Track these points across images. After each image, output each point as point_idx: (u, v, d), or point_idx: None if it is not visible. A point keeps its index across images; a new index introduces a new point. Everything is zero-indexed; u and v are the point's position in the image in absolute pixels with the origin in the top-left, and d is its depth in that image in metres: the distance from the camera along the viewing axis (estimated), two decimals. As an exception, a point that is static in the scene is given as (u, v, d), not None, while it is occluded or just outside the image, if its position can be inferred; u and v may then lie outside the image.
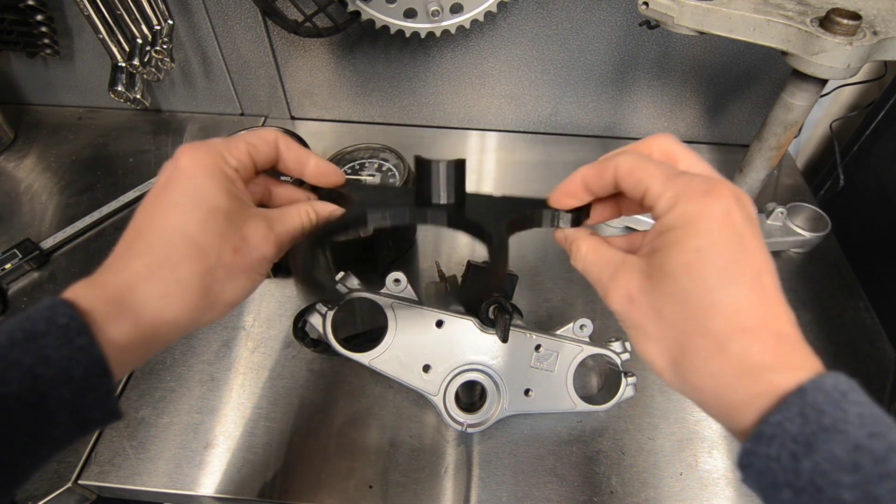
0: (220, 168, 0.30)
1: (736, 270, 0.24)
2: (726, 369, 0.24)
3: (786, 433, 0.22)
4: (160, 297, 0.27)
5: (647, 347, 0.27)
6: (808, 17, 0.46)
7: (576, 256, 0.32)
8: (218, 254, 0.29)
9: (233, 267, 0.29)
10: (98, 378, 0.25)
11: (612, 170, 0.29)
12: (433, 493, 0.49)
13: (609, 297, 0.28)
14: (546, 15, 0.73)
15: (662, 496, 0.50)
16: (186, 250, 0.28)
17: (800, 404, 0.22)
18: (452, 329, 0.49)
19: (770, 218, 0.70)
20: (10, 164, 0.80)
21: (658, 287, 0.26)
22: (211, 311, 0.29)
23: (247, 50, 0.79)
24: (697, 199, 0.25)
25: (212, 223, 0.28)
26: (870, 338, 0.63)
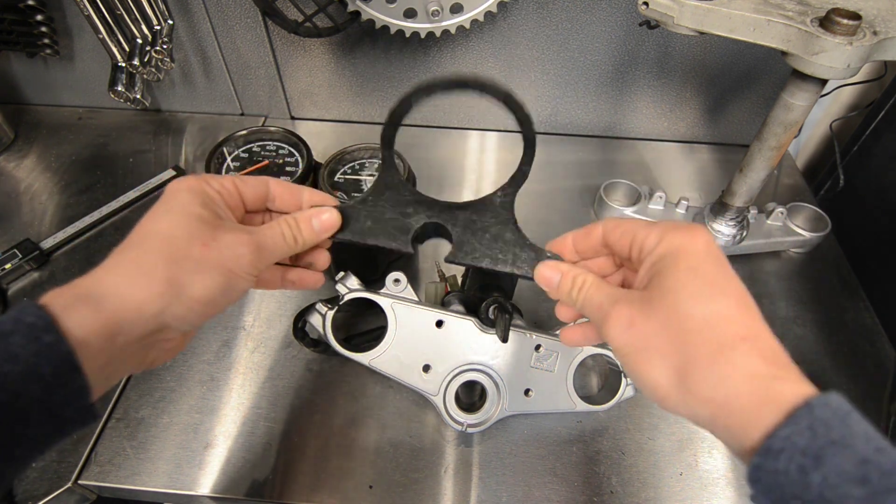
0: (202, 188, 0.32)
1: (725, 286, 0.27)
2: (734, 374, 0.24)
3: (794, 447, 0.22)
4: (123, 285, 0.27)
5: (650, 368, 0.27)
6: (808, 17, 0.46)
7: (578, 287, 0.32)
8: (186, 246, 0.29)
9: (202, 260, 0.29)
10: (69, 374, 0.25)
11: (598, 228, 0.33)
12: (433, 493, 0.49)
13: (609, 324, 0.28)
14: (546, 15, 0.73)
15: (662, 496, 0.50)
16: (154, 243, 0.29)
17: (808, 419, 0.22)
18: (452, 329, 0.49)
19: (770, 218, 0.70)
20: (10, 164, 0.80)
21: (657, 308, 0.27)
22: (178, 302, 0.28)
23: (247, 50, 0.79)
24: (681, 234, 0.28)
25: (184, 222, 0.30)
26: (870, 338, 0.63)
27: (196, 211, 0.30)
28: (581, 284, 0.32)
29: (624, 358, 0.28)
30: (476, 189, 0.78)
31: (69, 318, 0.25)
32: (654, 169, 0.83)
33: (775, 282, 0.68)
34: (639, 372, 0.27)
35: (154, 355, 0.31)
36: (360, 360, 0.49)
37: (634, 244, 0.31)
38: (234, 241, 0.31)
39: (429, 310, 0.49)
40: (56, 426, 0.25)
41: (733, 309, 0.26)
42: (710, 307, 0.26)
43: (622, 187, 0.74)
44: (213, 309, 0.30)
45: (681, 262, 0.27)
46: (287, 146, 0.68)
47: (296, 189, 0.36)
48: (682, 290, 0.27)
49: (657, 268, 0.28)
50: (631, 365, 0.28)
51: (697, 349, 0.25)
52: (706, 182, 0.81)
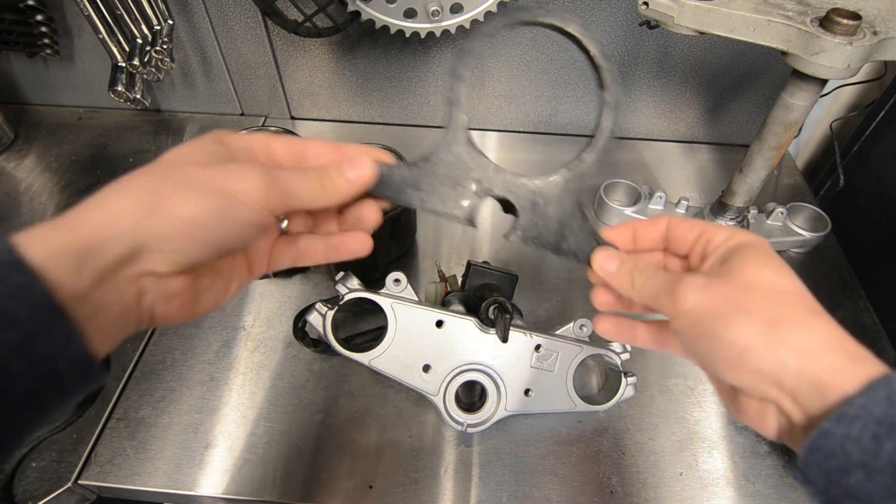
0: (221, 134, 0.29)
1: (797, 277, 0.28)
2: (826, 334, 0.25)
3: (870, 415, 0.22)
4: (98, 202, 0.24)
5: (732, 322, 0.26)
6: (808, 17, 0.46)
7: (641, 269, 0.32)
8: (180, 167, 0.26)
9: (196, 180, 0.25)
10: (49, 319, 0.21)
11: (664, 220, 0.34)
12: (433, 493, 0.49)
13: (681, 287, 0.28)
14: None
15: (662, 496, 0.50)
16: (146, 168, 0.26)
17: (886, 390, 0.23)
18: (452, 329, 0.49)
19: (770, 218, 0.70)
20: (10, 164, 0.80)
21: (736, 277, 0.28)
22: (157, 216, 0.24)
23: (247, 50, 0.79)
24: (749, 235, 0.30)
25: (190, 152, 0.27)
26: (870, 338, 0.63)
27: (207, 147, 0.27)
28: (644, 267, 0.32)
29: (697, 317, 0.27)
30: (476, 189, 0.78)
31: (32, 242, 0.22)
32: (654, 169, 0.83)
33: None
34: (717, 328, 0.27)
35: (152, 301, 0.26)
36: (360, 360, 0.49)
37: (703, 237, 0.32)
38: (242, 168, 0.27)
39: (429, 310, 0.49)
40: (52, 381, 0.22)
41: (810, 293, 0.28)
42: (794, 281, 0.28)
43: (622, 187, 0.74)
44: (206, 233, 0.25)
45: (758, 248, 0.29)
46: (287, 146, 0.68)
47: (340, 145, 0.32)
48: (766, 265, 0.28)
49: (732, 252, 0.29)
50: (707, 323, 0.27)
51: (791, 308, 0.26)
52: (706, 182, 0.81)
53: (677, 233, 0.34)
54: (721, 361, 0.27)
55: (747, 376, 0.26)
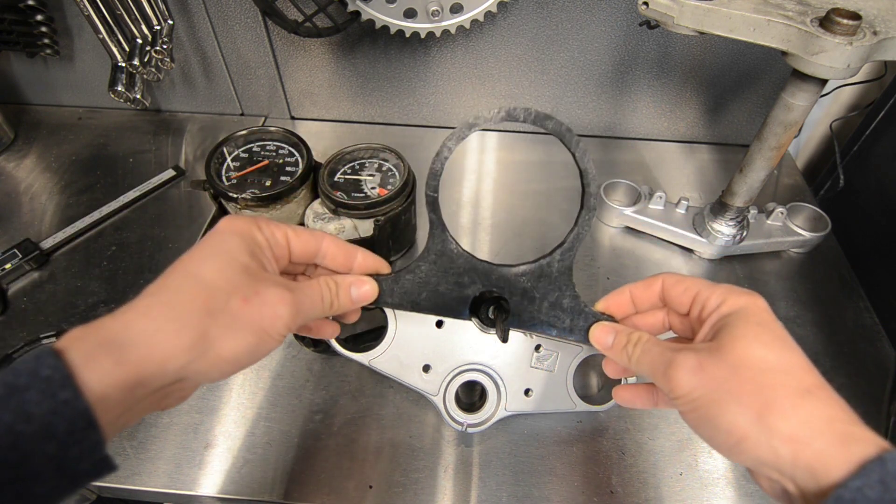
0: (251, 233, 0.31)
1: (790, 341, 0.28)
2: (816, 415, 0.25)
3: (865, 498, 0.22)
4: (152, 333, 0.26)
5: (726, 411, 0.26)
6: (808, 17, 0.46)
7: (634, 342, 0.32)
8: (225, 299, 0.28)
9: (238, 317, 0.28)
10: (83, 431, 0.23)
11: (658, 282, 0.35)
12: (433, 493, 0.49)
13: (675, 369, 0.28)
14: (546, 15, 0.73)
15: (662, 496, 0.50)
16: (193, 289, 0.27)
17: (880, 472, 0.23)
18: (452, 329, 0.49)
19: (770, 218, 0.70)
20: (10, 164, 0.80)
21: (728, 354, 0.28)
22: (203, 358, 0.27)
23: (247, 50, 0.79)
24: (744, 297, 0.30)
25: (228, 271, 0.29)
26: (870, 338, 0.63)
27: (242, 260, 0.29)
28: (637, 340, 0.32)
29: (693, 402, 0.28)
30: (476, 189, 0.78)
31: (90, 370, 0.24)
32: (654, 169, 0.83)
33: (775, 282, 0.68)
34: (712, 416, 0.27)
35: (167, 402, 0.30)
36: (360, 360, 0.49)
37: (696, 302, 0.32)
38: (275, 300, 0.29)
39: (429, 310, 0.49)
40: (70, 481, 0.24)
41: (804, 360, 0.27)
42: (784, 356, 0.27)
43: (622, 187, 0.74)
44: (236, 368, 0.29)
45: (750, 317, 0.29)
46: (287, 146, 0.68)
47: (350, 250, 0.36)
48: (755, 339, 0.28)
49: (724, 322, 0.29)
50: (702, 409, 0.27)
51: (778, 392, 0.26)
52: (706, 182, 0.81)
53: (672, 295, 0.34)
54: (721, 446, 0.27)
55: (749, 461, 0.27)
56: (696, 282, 0.33)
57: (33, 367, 0.23)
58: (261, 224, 0.32)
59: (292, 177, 0.64)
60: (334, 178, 0.65)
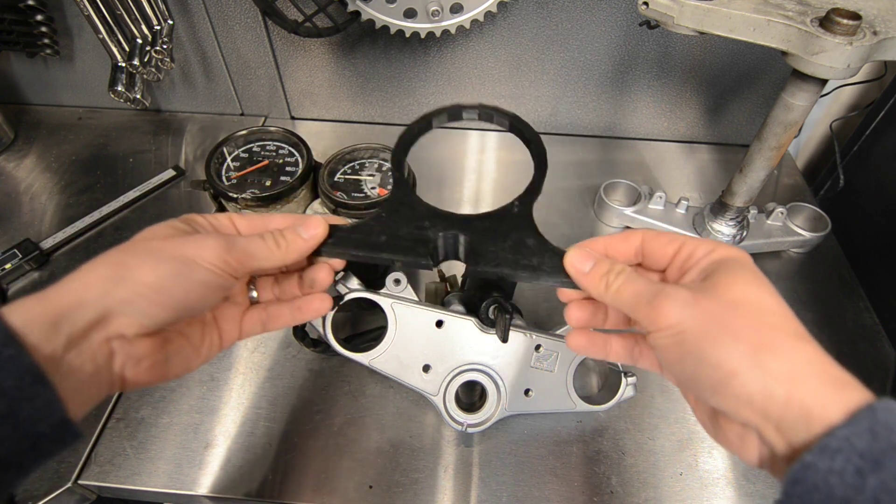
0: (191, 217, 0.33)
1: (780, 296, 0.28)
2: (813, 359, 0.25)
3: (853, 448, 0.22)
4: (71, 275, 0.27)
5: (719, 345, 0.25)
6: (808, 17, 0.46)
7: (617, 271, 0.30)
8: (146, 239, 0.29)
9: (157, 250, 0.29)
10: (32, 386, 0.23)
11: (638, 236, 0.32)
12: (433, 493, 0.49)
13: (665, 302, 0.27)
14: (546, 15, 0.73)
15: (662, 496, 0.50)
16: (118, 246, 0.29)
17: (869, 420, 0.22)
18: (452, 329, 0.49)
19: (770, 218, 0.70)
20: (10, 164, 0.80)
21: (722, 293, 0.27)
22: (122, 285, 0.27)
23: (247, 50, 0.79)
24: (732, 249, 0.30)
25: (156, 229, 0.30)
26: (870, 338, 0.63)
27: (175, 224, 0.31)
28: (620, 269, 0.30)
29: (680, 335, 0.26)
30: (476, 189, 0.78)
31: (13, 312, 0.25)
32: (654, 169, 0.83)
33: (775, 282, 0.67)
34: (701, 350, 0.26)
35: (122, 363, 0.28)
36: (360, 360, 0.49)
37: (683, 250, 0.31)
38: (200, 236, 0.30)
39: (429, 310, 0.49)
40: (31, 445, 0.24)
41: (793, 314, 0.27)
42: (779, 302, 0.27)
43: (622, 187, 0.74)
44: (166, 297, 0.28)
45: (745, 265, 0.28)
46: (287, 146, 0.68)
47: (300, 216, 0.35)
48: (751, 282, 0.27)
49: (715, 266, 0.28)
50: (690, 343, 0.26)
51: (777, 332, 0.25)
52: (706, 182, 0.81)
53: (654, 246, 0.32)
54: (705, 384, 0.26)
55: (732, 401, 0.25)
56: (678, 235, 0.32)
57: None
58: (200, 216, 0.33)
59: (292, 177, 0.64)
60: (334, 178, 0.65)
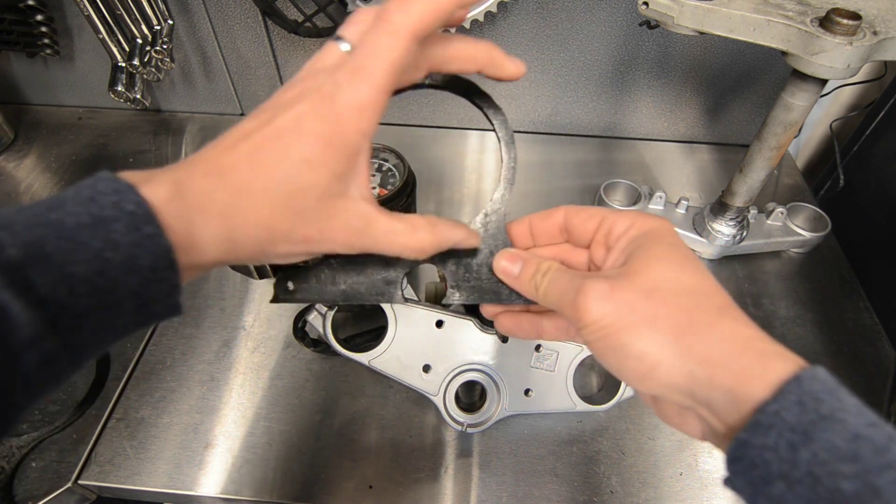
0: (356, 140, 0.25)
1: (699, 263, 0.27)
2: (734, 335, 0.24)
3: (783, 422, 0.21)
4: (252, 221, 0.24)
5: (637, 337, 0.25)
6: (808, 17, 0.46)
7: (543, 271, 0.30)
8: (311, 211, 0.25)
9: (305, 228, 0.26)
10: (165, 270, 0.23)
11: (560, 211, 0.32)
12: (433, 493, 0.49)
13: (583, 296, 0.26)
14: (546, 15, 0.73)
15: (662, 496, 0.50)
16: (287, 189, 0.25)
17: (797, 392, 0.22)
18: (452, 329, 0.49)
19: (770, 218, 0.70)
20: (10, 164, 0.80)
21: (641, 277, 0.26)
22: (281, 245, 0.26)
23: (247, 50, 0.79)
24: (652, 219, 0.29)
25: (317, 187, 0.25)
26: (870, 338, 0.63)
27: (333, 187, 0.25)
28: (546, 269, 0.30)
29: (602, 331, 0.26)
30: (476, 189, 0.78)
31: (197, 227, 0.24)
32: (654, 169, 0.83)
33: (775, 282, 0.68)
34: (622, 343, 0.25)
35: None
36: (360, 360, 0.49)
37: (603, 226, 0.30)
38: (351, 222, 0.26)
39: (429, 310, 0.49)
40: (144, 318, 0.24)
41: (714, 281, 0.26)
42: (696, 276, 0.26)
43: (622, 187, 0.74)
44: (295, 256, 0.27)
45: (662, 238, 0.28)
46: (287, 146, 0.68)
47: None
48: (668, 261, 0.26)
49: (634, 245, 0.28)
50: (612, 337, 0.25)
51: (695, 313, 0.25)
52: (706, 182, 0.81)
53: (576, 222, 0.31)
54: (631, 375, 0.26)
55: (659, 389, 0.25)
56: (599, 209, 0.31)
57: (116, 199, 0.23)
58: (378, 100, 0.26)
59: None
60: (334, 178, 0.65)
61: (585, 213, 0.31)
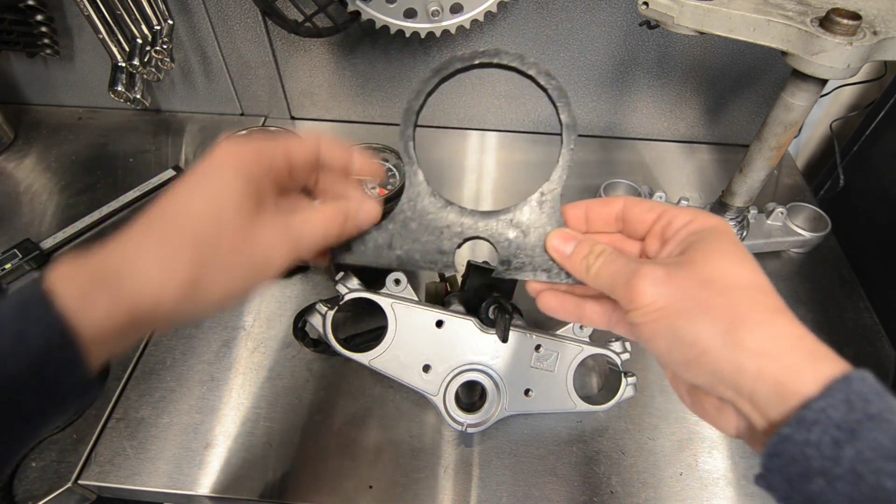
0: (248, 167, 0.29)
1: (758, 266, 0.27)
2: (786, 333, 0.24)
3: (829, 419, 0.22)
4: (144, 272, 0.25)
5: (692, 322, 0.25)
6: (808, 17, 0.46)
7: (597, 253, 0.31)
8: (216, 240, 0.27)
9: (229, 259, 0.27)
10: (60, 348, 0.23)
11: (620, 202, 0.33)
12: (433, 493, 0.49)
13: (639, 279, 0.27)
14: (546, 15, 0.73)
15: (662, 496, 0.50)
16: (184, 231, 0.27)
17: (845, 391, 0.22)
18: (452, 329, 0.49)
19: (770, 218, 0.70)
20: (10, 164, 0.80)
21: (698, 268, 0.27)
22: (196, 301, 0.27)
23: (247, 50, 0.79)
24: (712, 218, 0.29)
25: (220, 207, 0.27)
26: (870, 338, 0.63)
27: (236, 195, 0.28)
28: (600, 251, 0.30)
29: (655, 313, 0.26)
30: (476, 189, 0.78)
31: (86, 307, 0.24)
32: (654, 169, 0.83)
33: (775, 282, 0.67)
34: (676, 328, 0.26)
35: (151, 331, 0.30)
36: (360, 360, 0.49)
37: (663, 218, 0.30)
38: (271, 238, 0.28)
39: (429, 310, 0.49)
40: (55, 402, 0.24)
41: (771, 285, 0.27)
42: (756, 275, 0.27)
43: (622, 187, 0.74)
44: (228, 306, 0.29)
45: (722, 235, 0.28)
46: (287, 146, 0.68)
47: (346, 152, 0.34)
48: (728, 255, 0.27)
49: (694, 238, 0.28)
50: (664, 320, 0.26)
51: (750, 307, 0.25)
52: (706, 182, 0.81)
53: (635, 213, 0.32)
54: (679, 360, 0.26)
55: (705, 377, 0.25)
56: (659, 203, 0.32)
57: (17, 291, 0.24)
58: (259, 152, 0.30)
59: (292, 177, 0.64)
60: (334, 178, 0.65)
61: (645, 205, 0.32)
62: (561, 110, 0.34)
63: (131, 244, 0.26)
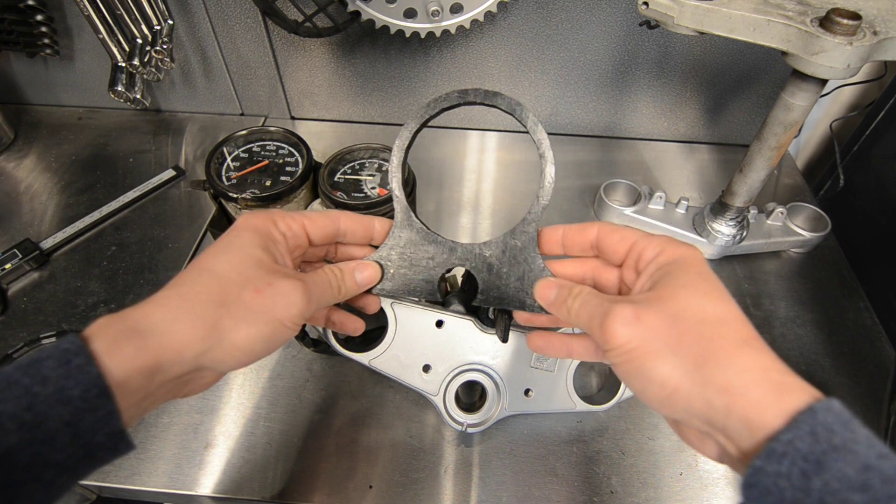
0: (266, 228, 0.33)
1: (727, 294, 0.28)
2: (753, 366, 0.25)
3: (797, 451, 0.22)
4: (169, 322, 0.27)
5: (660, 363, 0.26)
6: (808, 17, 0.46)
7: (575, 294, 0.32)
8: (238, 291, 0.29)
9: (251, 307, 0.29)
10: (97, 399, 0.24)
11: (594, 228, 0.34)
12: (433, 493, 0.49)
13: (611, 320, 0.27)
14: (546, 15, 0.73)
15: (662, 496, 0.50)
16: (206, 282, 0.29)
17: (810, 423, 0.22)
18: (452, 329, 0.49)
19: (770, 218, 0.70)
20: (10, 164, 0.80)
21: (667, 304, 0.27)
22: (218, 347, 0.28)
23: (247, 50, 0.79)
24: (682, 246, 0.30)
25: (240, 264, 0.30)
26: (870, 338, 0.63)
27: (255, 254, 0.31)
28: (577, 293, 0.32)
29: (627, 354, 0.27)
30: (476, 189, 0.78)
31: (113, 355, 0.26)
32: (654, 169, 0.83)
33: (775, 282, 0.68)
34: (646, 368, 0.26)
35: (188, 389, 0.31)
36: (360, 360, 0.49)
37: (633, 251, 0.31)
38: (287, 289, 0.31)
39: (429, 310, 0.49)
40: (86, 452, 0.25)
41: (739, 312, 0.27)
42: (722, 307, 0.27)
43: (622, 187, 0.74)
44: (252, 357, 0.30)
45: (689, 267, 0.29)
46: (287, 146, 0.68)
47: (367, 221, 0.37)
48: (694, 289, 0.27)
49: (663, 272, 0.29)
50: (636, 361, 0.27)
51: (717, 342, 0.26)
52: (706, 182, 0.81)
53: (608, 243, 0.33)
54: (652, 399, 0.27)
55: (680, 414, 0.26)
56: (632, 231, 0.32)
57: (56, 344, 0.25)
58: (276, 218, 0.33)
59: (292, 177, 0.64)
60: (334, 178, 0.65)
61: (618, 234, 0.33)
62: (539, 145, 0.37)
63: (157, 297, 0.29)
